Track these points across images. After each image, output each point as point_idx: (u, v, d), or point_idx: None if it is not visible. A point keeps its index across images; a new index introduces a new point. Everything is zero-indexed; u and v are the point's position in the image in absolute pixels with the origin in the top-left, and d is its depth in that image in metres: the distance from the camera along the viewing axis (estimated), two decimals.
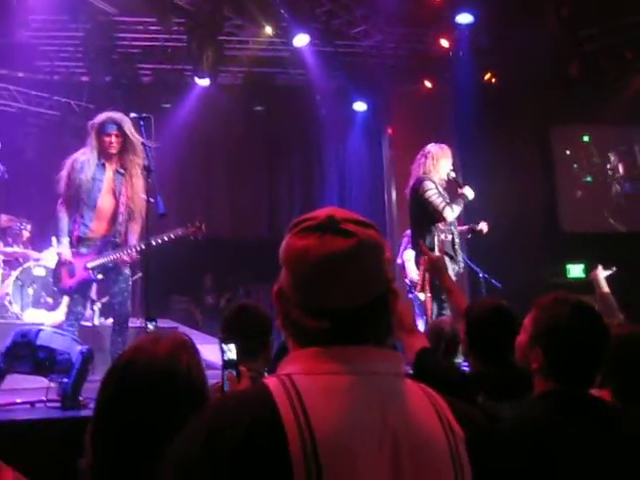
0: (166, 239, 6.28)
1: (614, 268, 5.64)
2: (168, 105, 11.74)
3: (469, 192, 7.04)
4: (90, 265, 6.29)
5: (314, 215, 1.44)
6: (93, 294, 8.88)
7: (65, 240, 6.35)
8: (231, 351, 2.30)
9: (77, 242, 6.36)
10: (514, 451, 1.62)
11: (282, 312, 1.44)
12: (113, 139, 6.35)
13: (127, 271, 6.46)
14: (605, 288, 5.41)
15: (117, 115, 6.38)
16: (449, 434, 1.37)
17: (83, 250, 6.33)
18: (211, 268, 12.41)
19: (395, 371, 1.41)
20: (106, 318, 8.76)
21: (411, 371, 3.25)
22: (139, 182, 6.35)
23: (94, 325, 8.71)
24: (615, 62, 12.19)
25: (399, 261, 8.63)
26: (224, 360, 2.30)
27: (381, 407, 1.33)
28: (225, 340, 2.34)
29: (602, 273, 5.49)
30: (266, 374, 3.27)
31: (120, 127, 6.31)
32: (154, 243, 6.00)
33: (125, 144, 6.37)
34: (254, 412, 1.30)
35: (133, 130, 6.25)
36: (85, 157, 6.37)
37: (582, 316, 2.69)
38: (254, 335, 3.31)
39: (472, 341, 3.42)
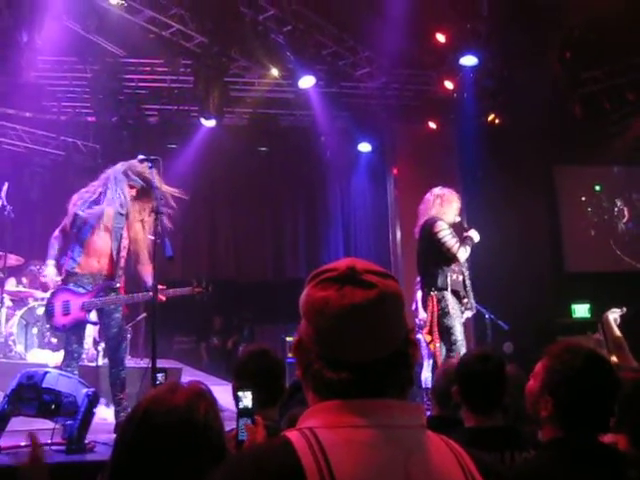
0: (171, 295, 6.26)
1: (624, 308, 5.57)
2: (174, 145, 11.81)
3: (475, 235, 7.04)
4: (87, 306, 6.23)
5: (334, 266, 1.43)
6: (96, 334, 8.85)
7: (50, 262, 6.25)
8: (247, 399, 2.27)
9: (65, 276, 6.26)
10: None
11: (303, 364, 1.43)
12: (134, 192, 6.36)
13: (118, 315, 6.33)
14: (617, 331, 5.35)
15: (148, 172, 6.30)
16: None
17: (80, 290, 6.25)
18: (218, 310, 12.38)
19: (417, 423, 1.40)
20: None
21: None
22: (147, 225, 6.34)
23: (98, 366, 8.65)
24: (617, 103, 12.28)
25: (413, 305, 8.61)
26: (240, 408, 2.26)
27: (404, 461, 1.32)
28: (241, 388, 2.31)
29: (612, 315, 5.43)
30: (281, 423, 3.23)
31: (146, 184, 6.29)
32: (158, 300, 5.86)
33: (139, 193, 6.39)
34: (278, 467, 1.29)
35: (157, 179, 6.15)
36: (88, 194, 6.36)
37: (594, 366, 2.69)
38: (269, 382, 3.24)
39: (463, 393, 3.42)
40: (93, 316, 6.35)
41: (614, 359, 5.07)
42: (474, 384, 3.37)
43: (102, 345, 8.92)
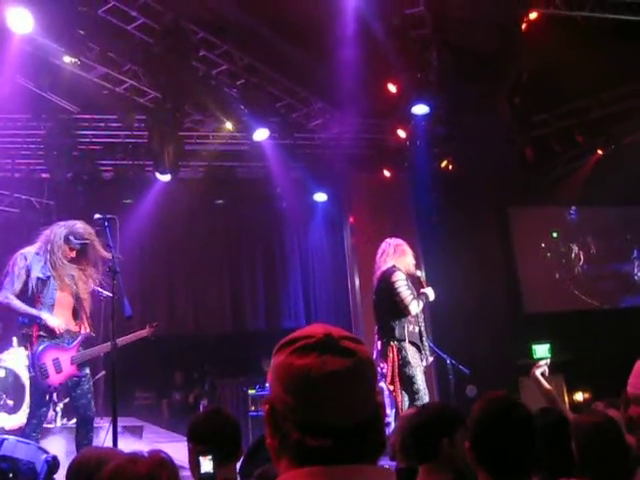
0: (131, 340, 6.25)
1: (548, 360, 5.62)
2: (129, 200, 11.74)
3: (430, 293, 7.11)
4: (76, 360, 6.15)
5: (309, 333, 1.44)
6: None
7: (43, 314, 6.09)
8: (208, 464, 2.23)
9: (39, 335, 6.12)
10: None
11: (277, 432, 1.42)
12: (73, 254, 6.31)
13: (88, 371, 6.31)
14: (546, 385, 5.41)
15: (86, 231, 6.30)
16: None
17: (64, 345, 6.18)
18: (178, 364, 12.24)
19: None
20: (69, 419, 8.54)
21: None
22: (87, 285, 6.33)
23: (56, 427, 8.47)
24: (567, 146, 12.56)
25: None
26: (201, 474, 2.23)
27: None
28: (201, 453, 2.28)
29: (539, 370, 5.48)
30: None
31: (84, 246, 6.28)
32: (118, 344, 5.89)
33: (78, 254, 6.35)
34: None
35: (99, 247, 6.18)
36: (32, 255, 6.27)
37: (505, 413, 2.72)
38: (227, 441, 3.21)
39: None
40: None
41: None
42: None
43: (60, 406, 8.76)
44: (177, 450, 3.66)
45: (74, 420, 6.69)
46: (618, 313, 13.99)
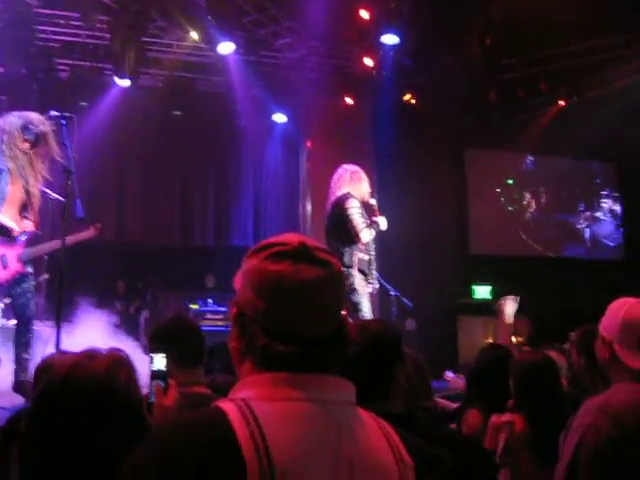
0: (78, 241, 6.17)
1: (517, 297, 5.70)
2: (85, 103, 11.45)
3: (383, 222, 7.12)
4: (24, 257, 6.06)
5: (284, 240, 1.44)
6: None
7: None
8: (159, 361, 2.23)
9: None
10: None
11: (243, 336, 1.43)
12: (26, 146, 6.11)
13: (31, 269, 6.25)
14: (509, 319, 5.52)
15: (41, 122, 6.10)
16: (400, 463, 1.39)
17: (10, 241, 6.06)
18: (122, 273, 12.16)
19: (348, 399, 1.43)
20: (8, 319, 8.45)
21: None
22: (39, 180, 6.18)
23: None
24: (530, 92, 12.58)
25: None
26: (152, 370, 2.23)
27: (337, 435, 1.35)
28: (154, 350, 2.28)
29: (509, 306, 5.58)
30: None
31: (38, 138, 6.09)
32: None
33: (32, 147, 6.16)
34: (211, 436, 1.29)
35: (52, 142, 6.01)
36: None
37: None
38: (186, 344, 3.22)
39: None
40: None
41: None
42: None
43: (0, 305, 8.66)
44: None
45: (14, 321, 6.56)
46: (559, 262, 14.31)
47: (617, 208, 15.20)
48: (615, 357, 2.83)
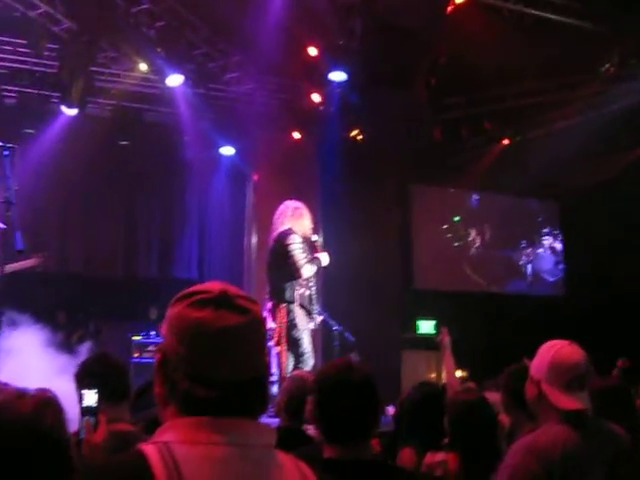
0: (17, 269, 6.07)
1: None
2: (31, 131, 11.33)
3: (325, 258, 7.20)
4: None
5: (206, 288, 1.48)
6: None
7: None
8: (91, 398, 2.24)
9: None
10: None
11: (166, 381, 1.46)
12: None
13: None
14: (449, 356, 5.62)
15: None
16: None
17: None
18: (63, 304, 11.97)
19: (268, 442, 1.46)
20: None
21: None
22: None
23: None
24: (475, 131, 12.84)
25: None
26: (82, 407, 2.23)
27: (255, 478, 1.39)
28: (86, 386, 2.28)
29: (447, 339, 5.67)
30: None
31: None
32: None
33: None
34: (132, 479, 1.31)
35: None
36: None
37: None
38: (112, 381, 3.25)
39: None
40: None
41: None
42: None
43: None
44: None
45: None
46: (501, 298, 14.52)
47: (558, 245, 15.54)
48: (543, 396, 2.90)
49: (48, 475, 1.67)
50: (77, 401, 2.52)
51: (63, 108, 10.66)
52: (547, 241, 15.58)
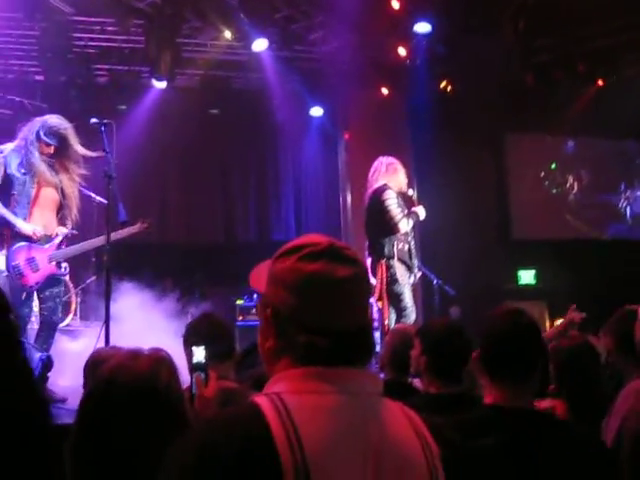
0: (121, 237, 6.23)
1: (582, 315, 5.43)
2: (124, 107, 11.62)
3: (421, 212, 7.17)
4: (55, 258, 6.11)
5: (314, 241, 1.52)
6: None
7: (17, 220, 6.04)
8: (200, 354, 2.32)
9: (16, 235, 6.07)
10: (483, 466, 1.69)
11: (281, 334, 1.49)
12: (51, 150, 6.23)
13: (64, 271, 6.30)
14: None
15: (61, 125, 6.24)
16: (427, 451, 1.44)
17: (44, 245, 6.14)
18: (168, 272, 12.30)
19: (376, 391, 1.49)
20: None
21: None
22: (75, 175, 6.30)
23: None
24: (568, 73, 12.43)
25: None
26: (193, 363, 2.32)
27: (365, 426, 1.40)
28: (195, 343, 2.37)
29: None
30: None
31: (61, 140, 6.20)
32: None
33: (61, 152, 6.27)
34: (247, 430, 1.35)
35: (74, 142, 6.14)
36: (8, 151, 6.22)
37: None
38: (218, 340, 3.36)
39: (431, 362, 3.42)
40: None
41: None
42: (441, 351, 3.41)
43: None
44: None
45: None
46: (602, 244, 14.13)
47: None
48: None
49: (164, 431, 1.74)
50: (186, 361, 2.61)
51: (153, 82, 10.88)
52: None
